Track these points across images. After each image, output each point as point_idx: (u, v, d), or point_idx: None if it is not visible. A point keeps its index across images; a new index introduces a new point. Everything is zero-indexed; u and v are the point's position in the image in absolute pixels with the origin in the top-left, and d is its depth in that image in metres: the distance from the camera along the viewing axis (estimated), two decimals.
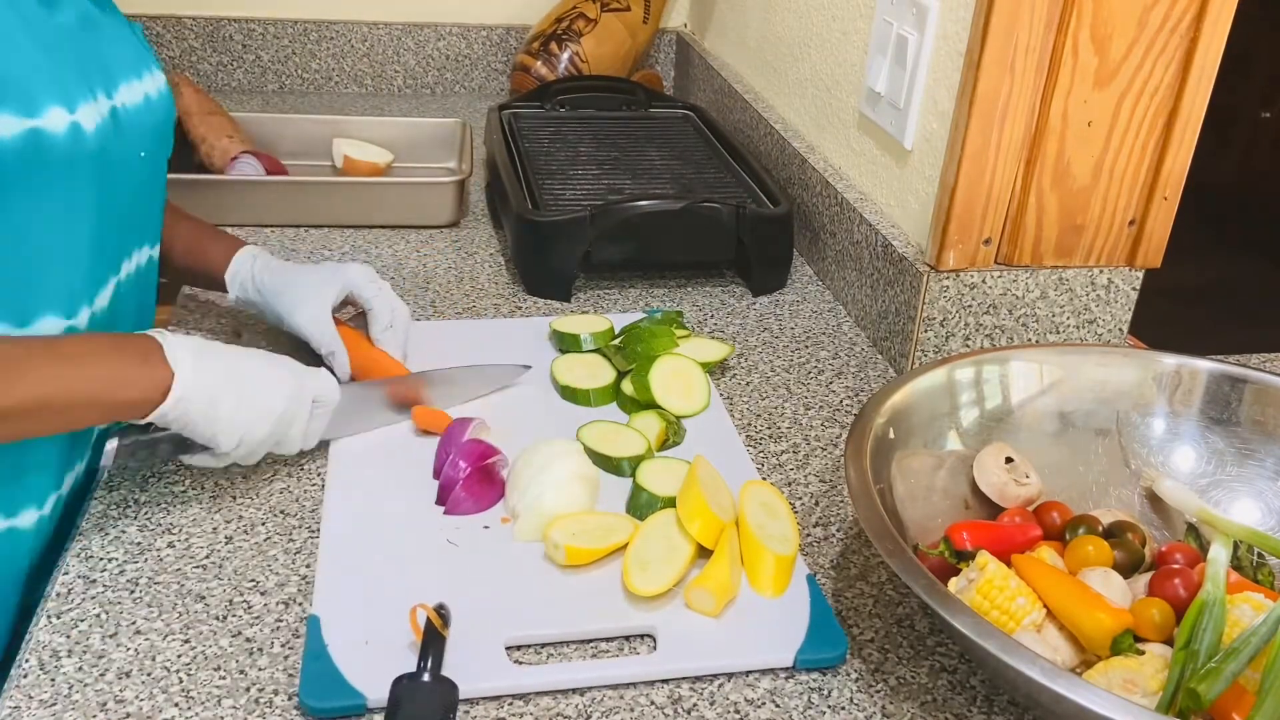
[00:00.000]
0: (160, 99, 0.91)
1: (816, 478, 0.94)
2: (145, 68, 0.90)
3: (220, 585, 0.78)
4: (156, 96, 0.90)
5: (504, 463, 0.89)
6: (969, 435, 0.87)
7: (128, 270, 0.89)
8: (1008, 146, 0.99)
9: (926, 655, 0.76)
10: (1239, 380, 0.87)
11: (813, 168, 1.30)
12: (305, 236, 1.32)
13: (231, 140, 1.42)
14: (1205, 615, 0.69)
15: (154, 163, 0.91)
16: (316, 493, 0.88)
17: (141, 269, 0.93)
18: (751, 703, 0.71)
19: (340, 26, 1.86)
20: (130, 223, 0.89)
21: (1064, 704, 0.58)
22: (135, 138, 0.86)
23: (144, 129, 0.87)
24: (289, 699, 0.69)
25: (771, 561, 0.79)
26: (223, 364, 0.80)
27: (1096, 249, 1.06)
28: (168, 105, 0.92)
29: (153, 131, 0.89)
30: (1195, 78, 0.99)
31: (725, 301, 1.24)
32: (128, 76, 0.86)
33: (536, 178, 1.33)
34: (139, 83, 0.88)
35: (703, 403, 1.00)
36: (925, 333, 1.06)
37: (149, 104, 0.88)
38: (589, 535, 0.80)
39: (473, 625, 0.73)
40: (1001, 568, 0.72)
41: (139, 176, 0.88)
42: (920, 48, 1.06)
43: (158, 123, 0.90)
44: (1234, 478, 0.86)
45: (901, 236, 1.11)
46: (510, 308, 1.19)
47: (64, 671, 0.70)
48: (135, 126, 0.86)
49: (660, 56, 2.00)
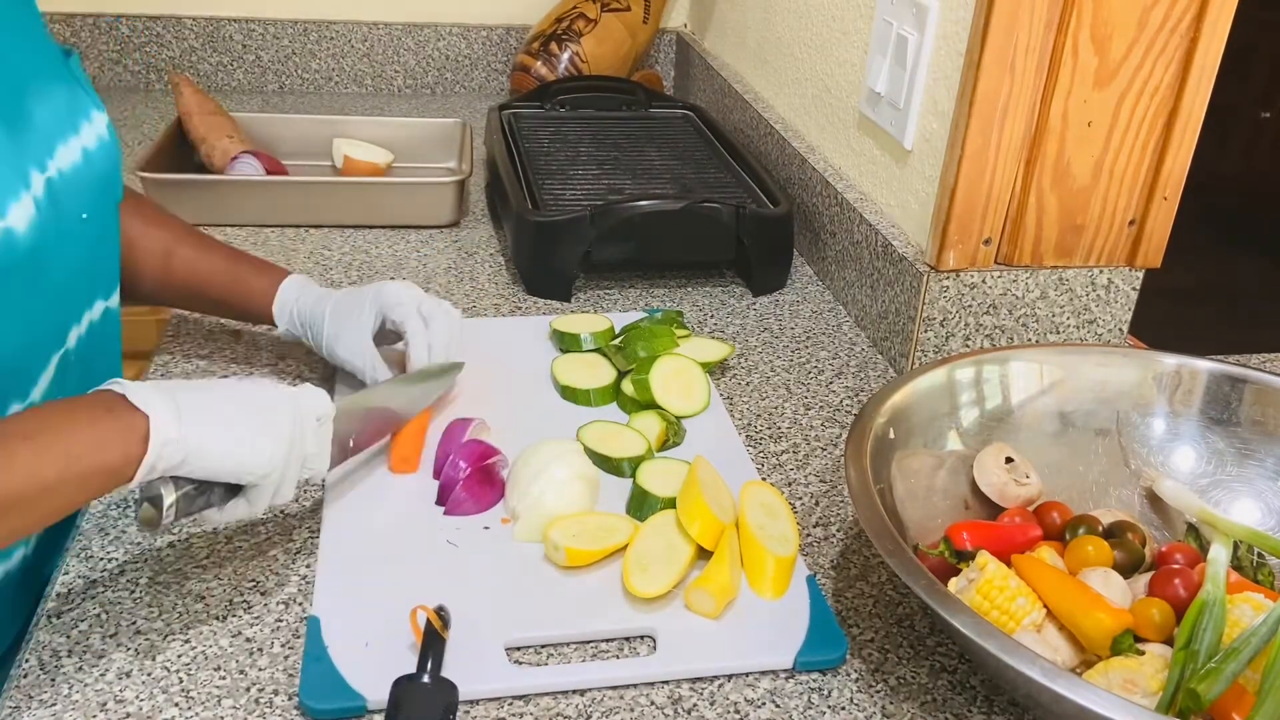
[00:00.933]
0: (101, 148, 0.83)
1: (816, 478, 0.94)
2: (81, 117, 0.82)
3: (220, 585, 0.78)
4: (96, 147, 0.82)
5: (504, 463, 0.89)
6: (969, 435, 0.86)
7: (77, 335, 0.83)
8: (1008, 146, 0.99)
9: (926, 655, 0.76)
10: (1239, 380, 0.87)
11: (813, 168, 1.30)
12: (305, 236, 1.32)
13: (231, 140, 1.42)
14: (1205, 615, 0.69)
15: (101, 217, 0.84)
16: (316, 493, 0.88)
17: (95, 325, 0.86)
18: (751, 703, 0.71)
19: (340, 26, 1.86)
20: (74, 289, 0.82)
21: (1064, 704, 0.58)
22: (75, 203, 0.79)
23: (84, 189, 0.80)
24: (289, 699, 0.69)
25: (771, 563, 0.79)
26: (205, 392, 0.71)
27: (1096, 249, 1.06)
28: (110, 152, 0.84)
29: (94, 187, 0.82)
30: (1195, 78, 0.99)
31: (725, 301, 1.24)
32: (64, 136, 0.79)
33: (536, 178, 1.33)
34: (76, 138, 0.80)
35: (703, 403, 1.00)
36: (925, 333, 1.06)
37: (88, 160, 0.81)
38: (589, 536, 0.80)
39: (473, 626, 0.73)
40: (1001, 568, 0.72)
41: (83, 239, 0.81)
42: (920, 48, 1.06)
43: (99, 175, 0.83)
44: (1234, 478, 0.86)
45: (901, 236, 1.11)
46: (510, 308, 1.19)
47: (64, 671, 0.70)
48: (74, 190, 0.79)
49: (660, 56, 2.00)
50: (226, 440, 0.69)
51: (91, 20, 1.79)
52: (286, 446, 0.72)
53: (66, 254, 0.79)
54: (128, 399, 0.66)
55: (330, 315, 0.95)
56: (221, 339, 1.09)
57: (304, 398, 0.76)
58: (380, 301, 0.95)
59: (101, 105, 0.85)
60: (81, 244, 0.81)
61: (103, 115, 0.85)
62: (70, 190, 0.79)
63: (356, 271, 1.24)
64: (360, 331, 0.94)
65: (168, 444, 0.66)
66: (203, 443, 0.68)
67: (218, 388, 0.73)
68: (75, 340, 0.83)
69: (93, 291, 0.86)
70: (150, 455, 0.65)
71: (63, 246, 0.78)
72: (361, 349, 0.94)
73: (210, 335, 1.09)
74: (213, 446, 0.68)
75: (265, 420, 0.72)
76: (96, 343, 0.87)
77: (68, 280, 0.81)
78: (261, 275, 0.99)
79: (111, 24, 1.80)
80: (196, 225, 1.31)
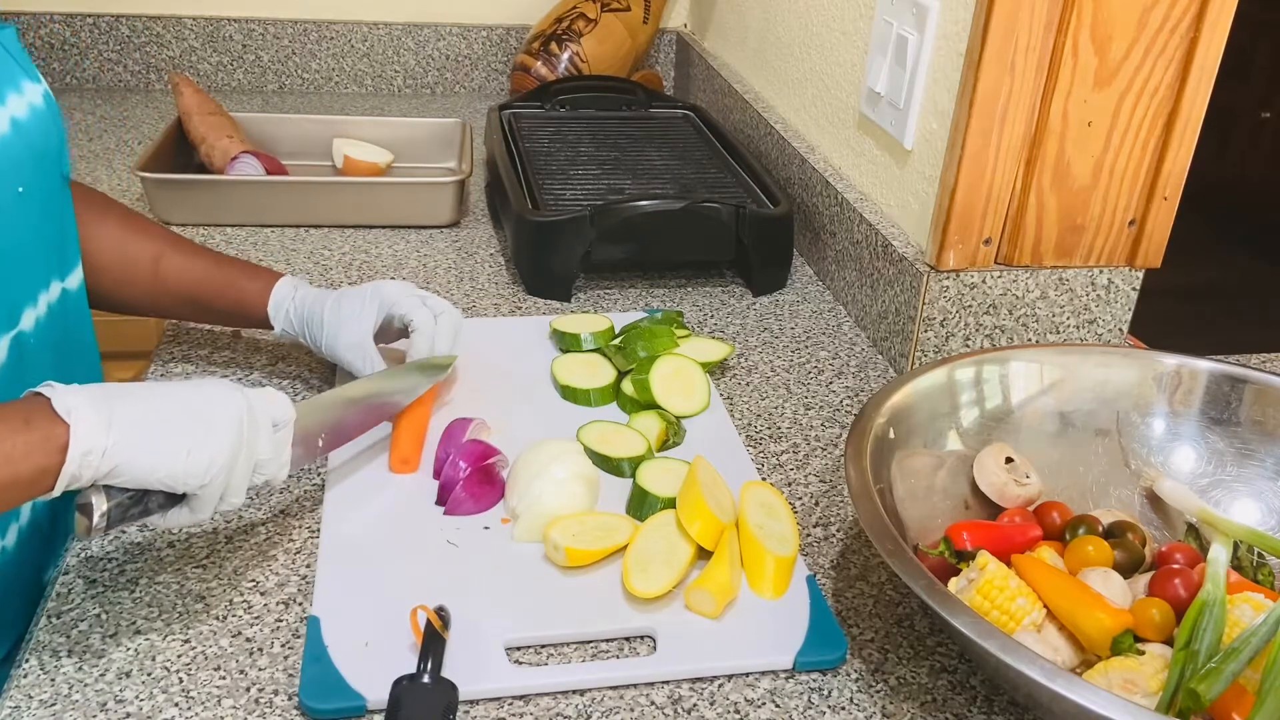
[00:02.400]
0: (33, 118, 0.80)
1: (816, 478, 0.94)
2: (9, 87, 0.79)
3: (220, 585, 0.78)
4: (27, 117, 0.79)
5: (504, 463, 0.89)
6: (969, 435, 0.86)
7: (34, 317, 0.81)
8: (1008, 146, 0.99)
9: (926, 655, 0.76)
10: (1239, 380, 0.87)
11: (813, 168, 1.30)
12: (305, 236, 1.32)
13: (231, 140, 1.42)
14: (1205, 615, 0.69)
15: (45, 191, 0.82)
16: (316, 493, 0.88)
17: (55, 308, 0.84)
18: (751, 703, 0.71)
19: (340, 26, 1.86)
20: (24, 269, 0.80)
21: (1064, 704, 0.58)
22: (6, 175, 0.77)
23: (16, 161, 0.78)
24: (289, 699, 0.69)
25: (771, 563, 0.79)
26: (144, 399, 0.69)
27: (1096, 249, 1.06)
28: (46, 122, 0.82)
29: (29, 159, 0.79)
30: (1195, 78, 0.99)
31: (725, 301, 1.24)
32: None
33: (536, 178, 1.33)
34: (2, 109, 0.77)
35: (703, 403, 1.00)
36: (925, 333, 1.06)
37: (18, 130, 0.78)
38: (589, 536, 0.80)
39: (473, 626, 0.73)
40: (1001, 568, 0.72)
41: (22, 214, 0.79)
42: (920, 48, 1.06)
43: (34, 147, 0.80)
44: (1234, 478, 0.86)
45: (901, 236, 1.11)
46: (510, 308, 1.19)
47: (64, 671, 0.70)
48: (4, 162, 0.76)
49: (660, 56, 2.00)
50: (159, 450, 0.67)
51: (91, 20, 1.79)
52: (230, 453, 0.70)
53: (3, 230, 0.77)
54: (52, 406, 0.65)
55: (330, 312, 0.95)
56: (222, 339, 1.09)
57: (259, 402, 0.74)
58: (381, 298, 0.95)
59: (38, 77, 0.83)
60: (20, 218, 0.79)
61: (38, 86, 0.82)
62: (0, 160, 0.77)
63: (356, 271, 1.24)
64: (361, 328, 0.94)
65: (89, 454, 0.64)
66: (133, 453, 0.66)
67: (161, 393, 0.70)
68: (33, 323, 0.82)
69: (46, 271, 0.84)
70: (69, 466, 0.64)
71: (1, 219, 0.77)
72: (360, 346, 0.94)
73: (210, 335, 1.09)
74: (143, 457, 0.66)
75: (206, 427, 0.69)
76: (59, 327, 0.86)
77: (10, 258, 0.79)
78: (254, 278, 0.99)
79: (111, 24, 1.80)
80: (197, 225, 1.33)
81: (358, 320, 0.94)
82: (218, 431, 0.70)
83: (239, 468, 0.71)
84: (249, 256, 1.26)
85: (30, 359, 0.82)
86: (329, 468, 0.89)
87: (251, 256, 1.26)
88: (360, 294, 0.96)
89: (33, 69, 0.83)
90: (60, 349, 0.86)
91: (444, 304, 0.97)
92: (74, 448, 0.64)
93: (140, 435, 0.67)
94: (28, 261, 0.82)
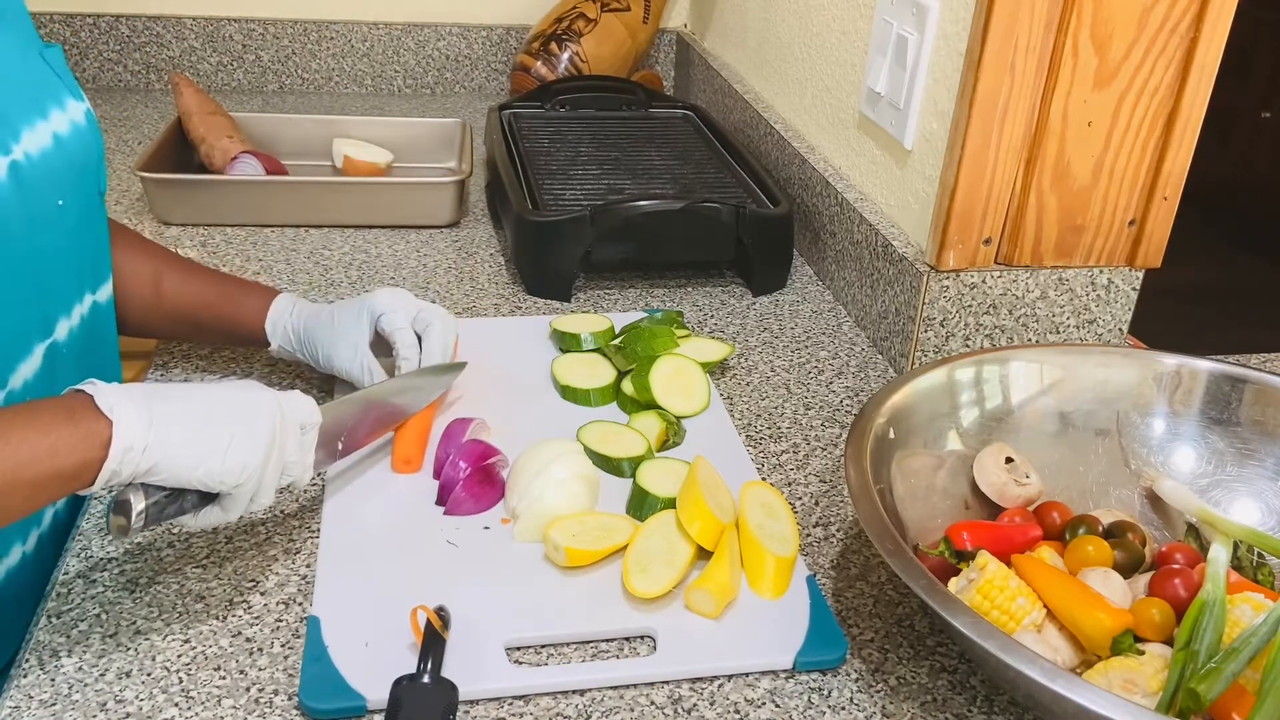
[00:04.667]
0: (74, 135, 0.82)
1: (816, 478, 0.94)
2: (53, 103, 0.81)
3: (220, 585, 0.78)
4: (69, 133, 0.81)
5: (504, 463, 0.89)
6: (969, 435, 0.86)
7: (68, 327, 0.83)
8: (1008, 146, 0.99)
9: (926, 655, 0.76)
10: (1239, 380, 0.87)
11: (813, 168, 1.30)
12: (305, 236, 1.32)
13: (231, 140, 1.42)
14: (1205, 615, 0.69)
15: (82, 205, 0.83)
16: (316, 493, 0.88)
17: (86, 320, 0.86)
18: (751, 703, 0.71)
19: (340, 26, 1.86)
20: (60, 279, 0.82)
21: (1064, 704, 0.58)
22: (46, 188, 0.78)
23: (56, 174, 0.80)
24: (289, 699, 0.69)
25: (771, 563, 0.79)
26: (183, 398, 0.70)
27: (1096, 249, 1.06)
28: (87, 140, 0.84)
29: (69, 173, 0.81)
30: (1195, 78, 0.99)
31: (725, 301, 1.24)
32: (29, 119, 0.78)
33: (536, 178, 1.33)
34: (45, 123, 0.79)
35: (703, 403, 1.00)
36: (925, 333, 1.06)
37: (60, 145, 0.80)
38: (589, 536, 0.80)
39: (473, 626, 0.73)
40: (1001, 568, 0.72)
41: (60, 227, 0.81)
42: (920, 48, 1.06)
43: (75, 162, 0.82)
44: (1234, 478, 0.86)
45: (901, 236, 1.11)
46: (510, 308, 1.19)
47: (64, 671, 0.70)
48: (44, 175, 0.78)
49: (660, 56, 2.00)
50: (198, 448, 0.68)
51: (91, 20, 1.79)
52: (264, 454, 0.71)
53: (42, 240, 0.79)
54: (95, 402, 0.66)
55: (326, 328, 0.95)
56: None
57: (289, 404, 0.75)
58: (371, 309, 0.95)
59: (81, 96, 0.85)
60: (59, 231, 0.81)
61: (80, 104, 0.84)
62: (40, 175, 0.78)
63: (356, 271, 1.24)
64: (357, 341, 0.94)
65: (130, 451, 0.65)
66: (173, 451, 0.67)
67: (198, 393, 0.71)
68: (66, 333, 0.83)
69: (80, 283, 0.86)
70: (111, 462, 0.65)
71: (36, 232, 0.78)
72: (358, 358, 0.94)
73: None
74: (183, 455, 0.67)
75: (243, 428, 0.71)
76: (89, 338, 0.87)
77: (48, 268, 0.80)
78: (251, 294, 0.99)
79: (111, 24, 1.80)
80: (197, 225, 1.33)
81: (354, 335, 0.94)
82: (252, 432, 0.71)
83: (270, 468, 0.72)
84: (249, 256, 1.26)
85: (61, 368, 0.83)
86: (329, 467, 0.89)
87: (251, 256, 1.26)
88: (354, 307, 0.96)
89: (76, 87, 0.85)
90: (88, 360, 0.87)
91: (435, 314, 0.96)
92: (116, 444, 0.65)
93: (180, 434, 0.67)
94: (64, 273, 0.83)
